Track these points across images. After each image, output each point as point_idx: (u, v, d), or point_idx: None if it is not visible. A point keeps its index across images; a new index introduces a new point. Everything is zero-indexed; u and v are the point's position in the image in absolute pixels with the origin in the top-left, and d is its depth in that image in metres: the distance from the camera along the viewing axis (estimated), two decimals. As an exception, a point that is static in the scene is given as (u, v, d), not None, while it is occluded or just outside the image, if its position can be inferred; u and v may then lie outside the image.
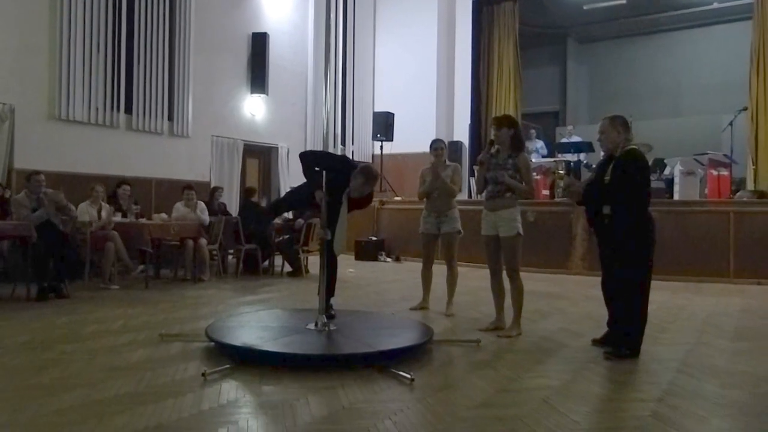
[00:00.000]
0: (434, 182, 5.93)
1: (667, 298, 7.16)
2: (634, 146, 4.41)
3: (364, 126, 14.14)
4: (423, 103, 13.83)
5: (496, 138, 5.05)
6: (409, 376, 3.58)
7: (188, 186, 8.47)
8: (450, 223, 5.93)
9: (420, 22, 14.13)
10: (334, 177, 4.67)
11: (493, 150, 5.02)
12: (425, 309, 6.03)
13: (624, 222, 4.30)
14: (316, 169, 4.74)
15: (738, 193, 10.12)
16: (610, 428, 2.91)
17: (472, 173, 13.28)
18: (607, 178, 4.36)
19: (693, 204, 9.22)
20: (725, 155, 10.34)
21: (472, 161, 13.79)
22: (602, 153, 4.69)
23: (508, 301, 5.17)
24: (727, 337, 5.03)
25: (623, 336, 4.32)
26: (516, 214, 4.99)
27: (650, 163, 11.21)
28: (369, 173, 4.77)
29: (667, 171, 10.95)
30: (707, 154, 10.13)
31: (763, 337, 5.03)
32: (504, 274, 5.17)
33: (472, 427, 2.90)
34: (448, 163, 6.09)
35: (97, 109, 8.83)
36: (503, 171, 4.94)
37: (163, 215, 8.40)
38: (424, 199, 6.12)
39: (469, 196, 13.13)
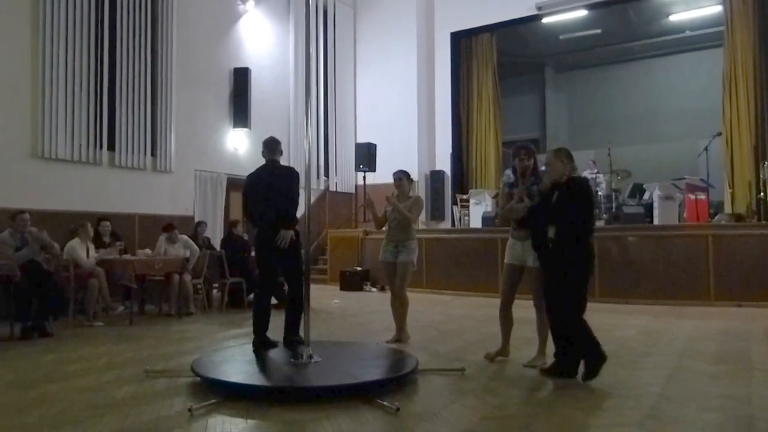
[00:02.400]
0: (392, 212, 6.04)
1: (648, 323, 7.25)
2: (578, 176, 4.67)
3: (346, 157, 14.27)
4: (405, 133, 14.01)
5: (527, 167, 5.04)
6: (394, 406, 3.61)
7: (169, 225, 8.47)
8: (406, 254, 5.98)
9: (400, 55, 14.39)
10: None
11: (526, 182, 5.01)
12: (400, 342, 6.01)
13: (565, 246, 4.44)
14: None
15: (716, 217, 10.33)
16: (592, 453, 2.96)
17: (454, 201, 13.44)
18: (552, 202, 4.57)
19: (672, 228, 9.40)
20: (702, 179, 10.56)
21: (455, 190, 13.97)
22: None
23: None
24: (708, 360, 5.10)
25: (559, 357, 4.51)
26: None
27: (629, 188, 11.63)
28: None
29: (646, 196, 11.15)
30: (684, 178, 10.35)
31: (742, 359, 5.11)
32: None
33: (457, 455, 2.93)
34: (411, 194, 6.20)
35: (80, 146, 8.85)
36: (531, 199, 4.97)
37: (147, 251, 8.39)
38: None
39: (453, 224, 13.26)
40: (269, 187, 5.30)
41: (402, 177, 6.19)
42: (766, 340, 6.06)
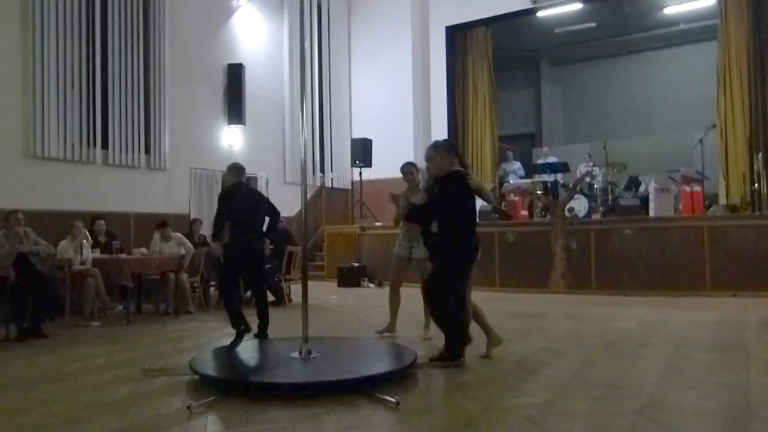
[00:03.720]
0: (405, 207, 5.98)
1: (645, 314, 7.27)
2: (458, 168, 4.74)
3: (342, 153, 14.25)
4: (400, 128, 13.99)
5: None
6: (394, 399, 3.61)
7: (163, 222, 8.44)
8: (421, 249, 5.96)
9: (394, 49, 14.36)
10: None
11: None
12: (392, 333, 6.02)
13: (447, 237, 4.62)
14: None
15: (711, 209, 10.36)
16: (592, 443, 2.96)
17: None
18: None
19: (668, 220, 9.42)
20: (697, 171, 10.58)
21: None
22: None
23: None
24: (705, 349, 5.12)
25: (445, 344, 4.69)
26: None
27: (625, 181, 11.65)
28: None
29: (641, 188, 11.18)
30: (680, 170, 10.37)
31: (739, 348, 5.13)
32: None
33: (457, 448, 2.93)
34: (421, 187, 6.14)
35: (72, 145, 8.80)
36: None
37: (143, 250, 8.36)
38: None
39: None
40: (259, 203, 6.24)
41: (412, 169, 6.13)
42: (762, 329, 6.08)
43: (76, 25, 8.88)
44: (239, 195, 6.08)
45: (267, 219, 6.24)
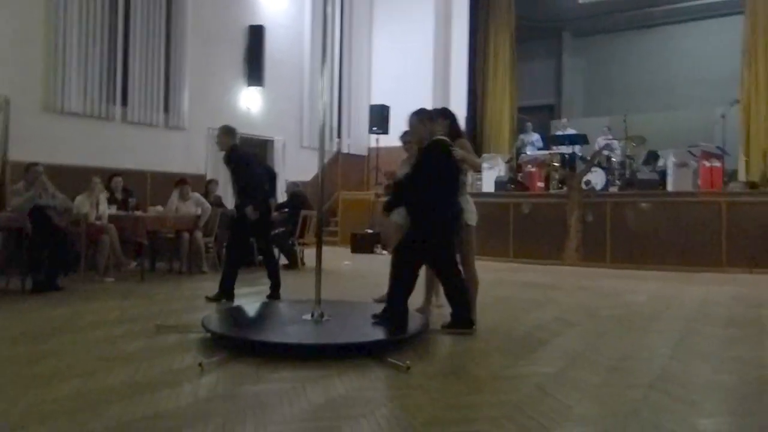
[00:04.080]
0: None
1: (659, 287, 7.23)
2: (439, 137, 4.56)
3: (360, 119, 14.14)
4: (419, 96, 13.74)
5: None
6: (405, 364, 3.61)
7: (182, 180, 8.46)
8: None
9: (416, 16, 14.12)
10: None
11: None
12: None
13: (421, 207, 4.51)
14: None
15: (730, 185, 10.19)
16: (603, 412, 2.95)
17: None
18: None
19: (686, 195, 9.29)
20: (717, 147, 10.40)
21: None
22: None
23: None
24: (719, 324, 5.08)
25: (453, 314, 4.63)
26: (463, 204, 4.89)
27: (644, 155, 11.45)
28: None
29: (660, 163, 11.00)
30: (700, 146, 10.19)
31: (754, 324, 5.08)
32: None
33: (468, 412, 2.93)
34: None
35: (92, 100, 8.81)
36: None
37: (159, 208, 8.40)
38: None
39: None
40: (260, 167, 6.44)
41: (411, 140, 5.87)
42: (779, 307, 6.01)
43: (99, -19, 8.81)
44: (250, 157, 6.25)
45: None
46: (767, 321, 5.20)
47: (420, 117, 4.62)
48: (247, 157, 6.27)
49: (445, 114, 4.98)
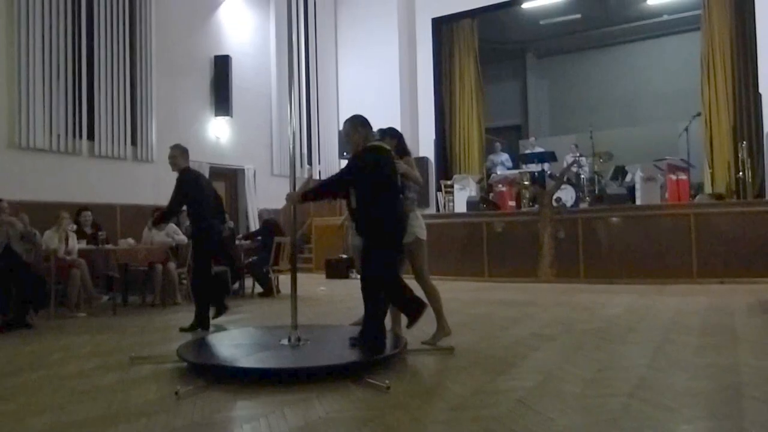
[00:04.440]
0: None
1: (633, 300, 7.31)
2: (375, 144, 4.51)
3: (330, 144, 14.20)
4: (388, 120, 13.60)
5: None
6: (385, 384, 3.59)
7: (157, 209, 8.36)
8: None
9: (381, 41, 14.32)
10: None
11: None
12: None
13: (362, 217, 4.40)
14: None
15: (697, 197, 10.43)
16: (584, 422, 2.95)
17: (439, 188, 13.43)
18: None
19: (654, 208, 9.47)
20: (683, 160, 10.65)
21: (439, 176, 13.96)
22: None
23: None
24: (694, 333, 5.14)
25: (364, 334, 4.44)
26: (413, 219, 4.85)
27: (612, 170, 11.67)
28: None
29: (628, 178, 11.23)
30: (665, 159, 10.42)
31: (727, 332, 5.16)
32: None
33: (450, 428, 2.92)
34: None
35: (58, 136, 8.71)
36: None
37: (130, 240, 8.28)
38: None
39: (437, 210, 13.25)
40: (211, 189, 6.35)
41: (347, 147, 5.91)
42: (750, 313, 6.12)
43: (62, 16, 8.80)
44: (202, 179, 6.27)
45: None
46: (740, 329, 5.28)
47: (354, 123, 4.51)
48: (201, 179, 6.25)
49: (392, 134, 5.02)
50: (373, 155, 4.39)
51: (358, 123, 4.50)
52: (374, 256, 4.37)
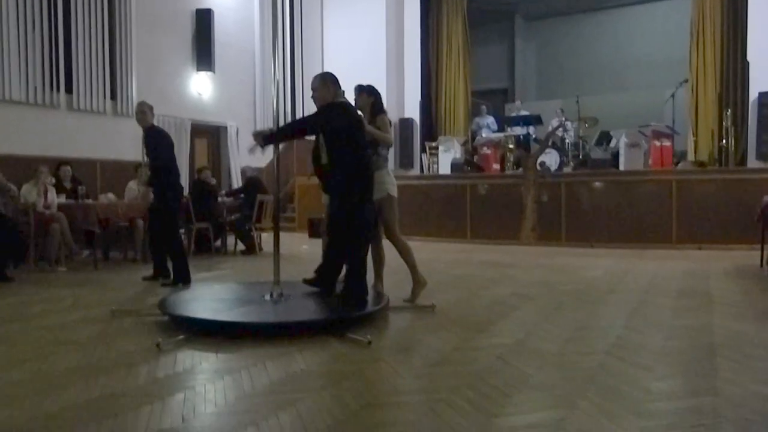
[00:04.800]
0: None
1: (612, 263, 7.40)
2: (342, 100, 4.62)
3: (313, 103, 13.99)
4: (373, 80, 13.28)
5: (356, 103, 5.07)
6: (366, 339, 3.62)
7: (139, 165, 8.27)
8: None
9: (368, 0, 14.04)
10: None
11: None
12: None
13: (336, 175, 4.46)
14: None
15: (680, 164, 10.50)
16: (561, 378, 3.01)
17: (423, 149, 13.38)
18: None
19: (637, 174, 9.51)
20: (667, 126, 10.67)
21: (423, 138, 13.90)
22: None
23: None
24: (671, 296, 5.23)
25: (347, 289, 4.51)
26: (384, 176, 4.89)
27: (597, 135, 11.68)
28: None
29: (613, 143, 11.24)
30: (650, 126, 10.44)
31: (703, 295, 5.25)
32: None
33: (430, 382, 2.96)
34: None
35: (35, 88, 8.50)
36: None
37: (110, 195, 8.18)
38: None
39: (421, 171, 13.23)
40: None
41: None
42: (726, 278, 6.22)
43: (36, -39, 8.48)
44: (168, 137, 6.20)
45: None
46: (715, 292, 5.38)
47: (324, 78, 4.60)
48: (167, 137, 6.19)
49: (369, 90, 5.13)
50: (339, 109, 4.49)
51: (328, 79, 4.60)
52: (356, 212, 4.38)
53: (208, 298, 4.77)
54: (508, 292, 5.49)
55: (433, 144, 12.96)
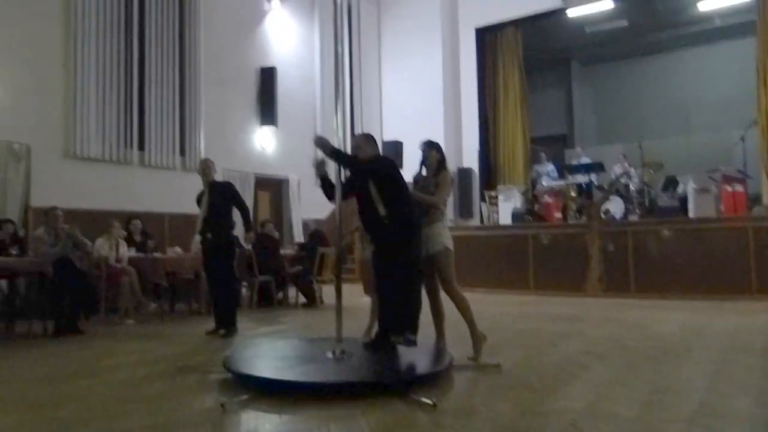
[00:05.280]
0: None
1: (687, 317, 7.05)
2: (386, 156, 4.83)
3: (373, 155, 14.18)
4: (431, 131, 13.68)
5: (425, 160, 5.10)
6: (431, 401, 3.51)
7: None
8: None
9: (424, 51, 14.29)
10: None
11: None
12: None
13: (392, 216, 4.53)
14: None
15: (754, 209, 10.03)
16: (641, 449, 2.83)
17: (483, 198, 13.28)
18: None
19: (710, 221, 9.12)
20: (739, 170, 10.27)
21: (483, 187, 13.81)
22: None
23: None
24: (756, 354, 4.91)
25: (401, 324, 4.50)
26: (441, 229, 4.86)
27: (662, 181, 11.33)
28: None
29: (680, 189, 10.88)
30: (720, 170, 10.06)
31: (791, 353, 4.92)
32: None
33: (499, 451, 2.82)
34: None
35: (110, 145, 8.94)
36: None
37: (177, 249, 8.40)
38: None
39: (482, 221, 13.10)
40: None
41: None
42: (814, 334, 5.82)
43: (115, 30, 9.07)
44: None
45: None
46: (803, 348, 5.03)
47: (368, 138, 4.90)
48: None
49: (437, 148, 5.15)
50: (390, 161, 4.71)
51: (372, 138, 4.88)
52: (405, 258, 4.45)
53: (271, 355, 4.77)
54: (577, 349, 5.27)
55: (493, 193, 12.85)
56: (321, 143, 4.68)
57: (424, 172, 5.11)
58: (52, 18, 8.35)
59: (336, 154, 4.65)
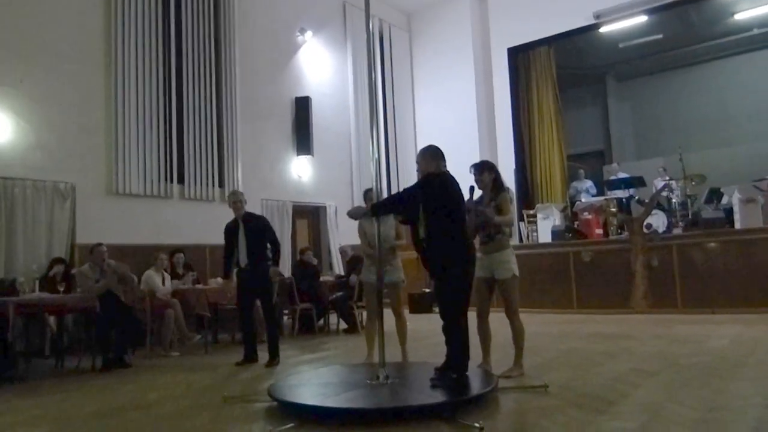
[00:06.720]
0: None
1: (739, 331, 6.83)
2: (444, 170, 4.60)
3: (410, 180, 14.21)
4: (467, 154, 13.67)
5: (478, 183, 5.09)
6: (478, 425, 3.46)
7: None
8: (396, 272, 5.97)
9: (457, 75, 14.34)
10: None
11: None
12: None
13: (439, 246, 4.44)
14: None
15: (804, 218, 9.70)
16: (699, 469, 2.73)
17: (521, 217, 13.15)
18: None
19: (757, 231, 8.86)
20: (785, 179, 9.96)
21: (521, 206, 13.69)
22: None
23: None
24: (813, 368, 4.73)
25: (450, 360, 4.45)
26: (509, 255, 4.93)
27: (705, 193, 11.07)
28: None
29: (724, 200, 10.62)
30: (765, 179, 9.79)
31: None
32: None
33: (551, 474, 2.76)
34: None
35: (151, 181, 9.15)
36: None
37: (219, 280, 8.50)
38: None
39: (520, 240, 12.96)
40: None
41: (371, 197, 5.60)
42: None
43: (154, 68, 9.32)
44: None
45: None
46: None
47: (424, 153, 4.72)
48: None
49: (491, 168, 5.13)
50: (437, 179, 4.49)
51: (428, 153, 4.70)
52: (450, 286, 4.40)
53: (315, 382, 4.78)
54: (625, 367, 5.14)
55: (531, 212, 12.72)
56: (355, 214, 4.87)
57: (476, 196, 5.04)
58: (94, 60, 8.66)
59: (375, 212, 4.72)
